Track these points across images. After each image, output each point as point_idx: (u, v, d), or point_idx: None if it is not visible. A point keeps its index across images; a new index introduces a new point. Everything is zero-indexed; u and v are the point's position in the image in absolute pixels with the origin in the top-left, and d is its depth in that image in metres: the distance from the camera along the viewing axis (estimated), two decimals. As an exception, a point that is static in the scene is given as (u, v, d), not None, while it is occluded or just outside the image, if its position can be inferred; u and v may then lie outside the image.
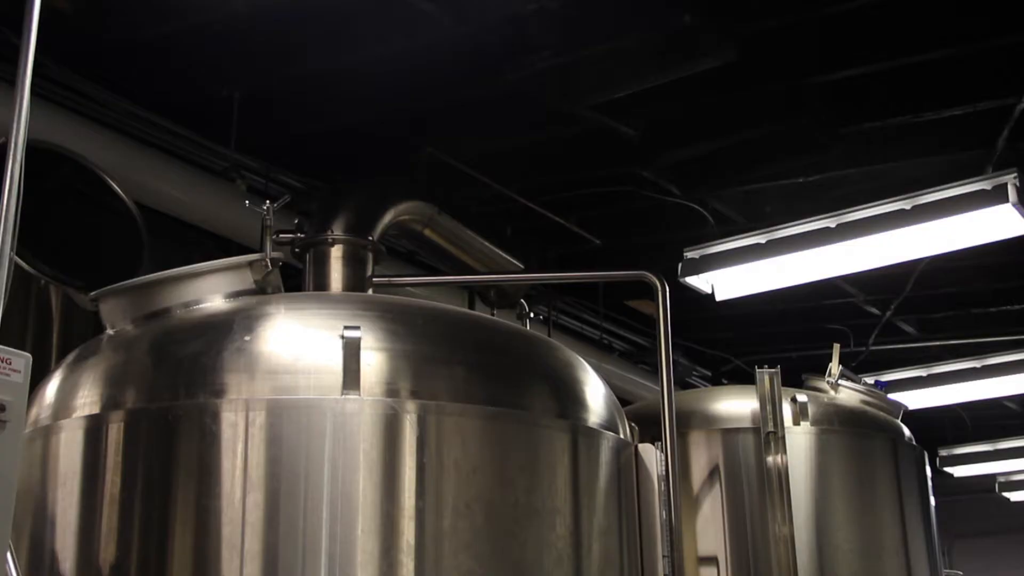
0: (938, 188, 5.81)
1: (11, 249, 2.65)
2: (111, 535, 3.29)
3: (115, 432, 3.40)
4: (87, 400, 3.53)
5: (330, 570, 3.16)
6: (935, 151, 6.43)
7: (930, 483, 5.77)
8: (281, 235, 4.62)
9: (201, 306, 3.71)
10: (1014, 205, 5.59)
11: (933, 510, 5.71)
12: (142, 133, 5.76)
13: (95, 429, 3.44)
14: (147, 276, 3.86)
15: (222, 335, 3.50)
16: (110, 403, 3.49)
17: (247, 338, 3.48)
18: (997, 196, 5.62)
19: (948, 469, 11.93)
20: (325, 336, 3.48)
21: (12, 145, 2.78)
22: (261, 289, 3.78)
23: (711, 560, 5.17)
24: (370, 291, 4.71)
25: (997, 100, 5.98)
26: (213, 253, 5.19)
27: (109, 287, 3.83)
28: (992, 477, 12.73)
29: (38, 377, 3.68)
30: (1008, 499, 13.45)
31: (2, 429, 2.38)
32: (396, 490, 3.28)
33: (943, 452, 11.66)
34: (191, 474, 3.28)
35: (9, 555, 2.62)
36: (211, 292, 3.74)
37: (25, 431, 3.45)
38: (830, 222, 6.16)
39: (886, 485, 5.45)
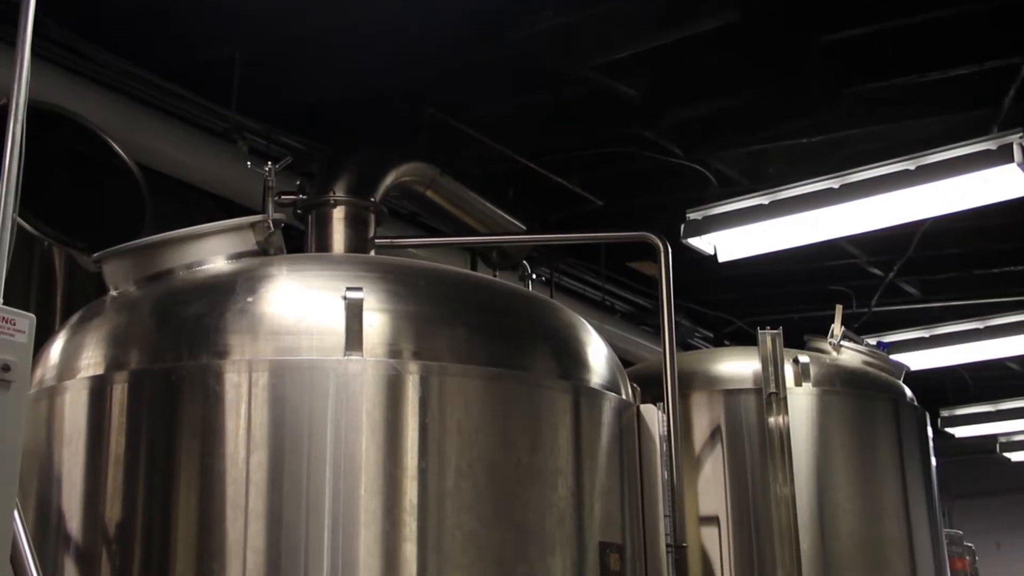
0: (943, 148, 5.78)
1: (13, 210, 2.65)
2: (116, 495, 3.31)
3: (119, 393, 3.41)
4: (91, 361, 3.54)
5: (333, 529, 3.18)
6: (940, 111, 6.39)
7: (931, 444, 5.79)
8: (283, 197, 4.62)
9: (204, 267, 3.71)
10: (1019, 165, 5.57)
11: (934, 470, 5.73)
12: (143, 94, 5.74)
13: (99, 390, 3.45)
14: (150, 237, 3.87)
15: (225, 296, 3.51)
16: (114, 364, 3.50)
17: (250, 299, 3.49)
18: (1002, 156, 5.60)
19: (949, 430, 11.97)
20: (327, 297, 3.48)
21: (13, 106, 2.77)
22: (263, 250, 3.79)
23: (712, 519, 5.20)
24: (372, 252, 4.71)
25: (1003, 59, 5.93)
26: (215, 215, 5.19)
27: (112, 248, 3.83)
28: (993, 438, 12.78)
29: (42, 338, 3.70)
30: (1009, 459, 13.50)
31: (7, 389, 2.39)
32: (399, 450, 3.29)
33: (944, 413, 11.70)
34: (195, 434, 3.30)
35: (16, 513, 2.64)
36: (213, 253, 3.74)
37: (30, 392, 3.47)
38: (833, 183, 6.14)
39: (887, 446, 5.47)
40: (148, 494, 3.30)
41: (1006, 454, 13.26)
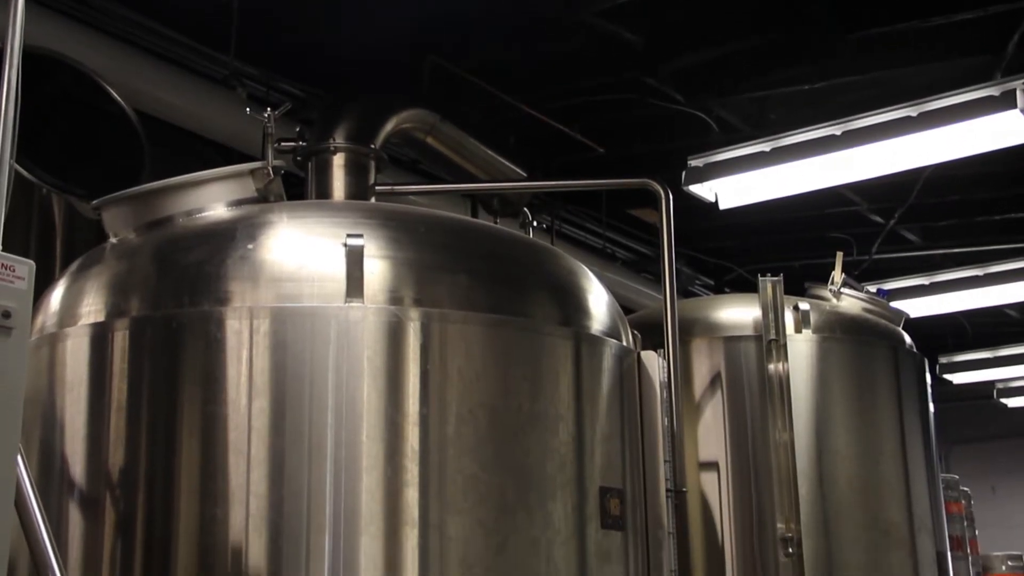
0: (945, 94, 5.75)
1: (11, 156, 2.64)
2: (119, 441, 3.33)
3: (120, 340, 3.42)
4: (92, 308, 3.54)
5: (335, 475, 3.20)
6: (943, 56, 6.34)
7: (929, 390, 5.82)
8: (283, 143, 4.60)
9: (203, 214, 3.70)
10: (1022, 111, 5.54)
11: (932, 416, 5.76)
12: (140, 40, 5.69)
13: (100, 337, 3.46)
14: (149, 184, 3.85)
15: (225, 243, 3.51)
16: (115, 311, 3.50)
17: (250, 246, 3.49)
18: (1005, 102, 5.56)
19: (947, 376, 12.02)
20: (328, 244, 3.48)
21: (9, 51, 2.75)
22: (263, 197, 3.77)
23: (712, 465, 5.24)
24: (373, 199, 4.70)
25: (1008, 4, 5.88)
26: (215, 162, 5.16)
27: (111, 195, 3.82)
28: (991, 384, 12.84)
29: (42, 286, 3.70)
30: (1006, 405, 13.58)
31: (7, 336, 2.39)
32: (400, 397, 3.31)
33: (943, 359, 11.74)
34: (196, 381, 3.31)
35: (19, 459, 2.65)
36: (213, 200, 3.73)
37: (31, 339, 3.48)
38: (835, 129, 6.11)
39: (886, 392, 5.50)
40: (151, 440, 3.32)
41: (1003, 400, 13.33)
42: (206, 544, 3.18)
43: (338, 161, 4.63)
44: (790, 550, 5.03)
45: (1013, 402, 13.59)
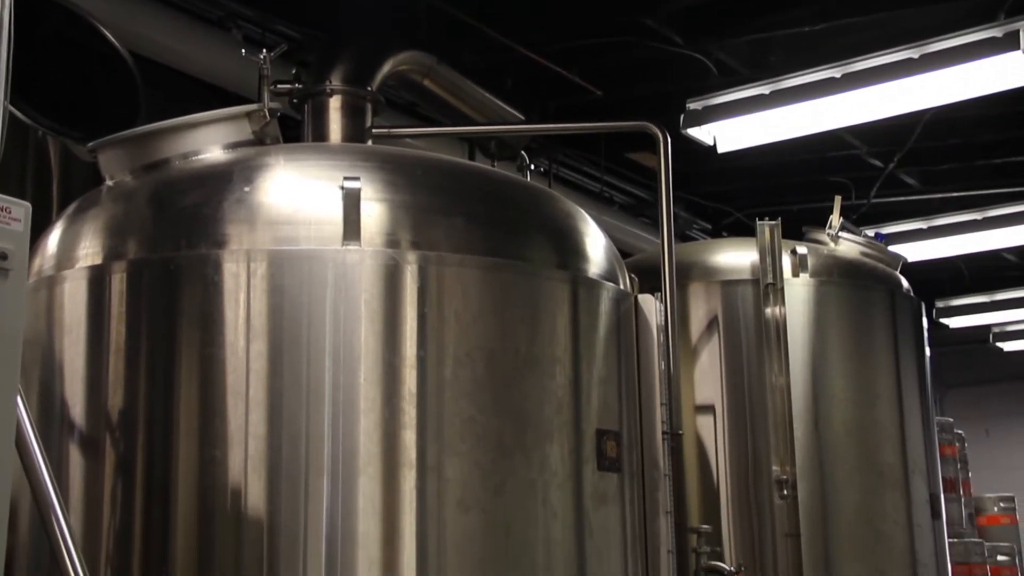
0: (947, 36, 5.70)
1: (5, 98, 2.62)
2: (118, 383, 3.35)
3: (118, 282, 3.43)
4: (89, 251, 3.54)
5: (334, 417, 3.22)
6: (945, -3, 6.28)
7: (926, 334, 5.84)
8: (279, 86, 4.56)
9: (200, 157, 3.69)
10: (1024, 52, 5.50)
11: (927, 360, 5.79)
12: (134, -20, 5.62)
13: (98, 279, 3.46)
14: (145, 127, 3.83)
15: (222, 186, 3.50)
16: (112, 254, 3.50)
17: (247, 189, 3.48)
18: (1008, 43, 5.51)
19: (944, 320, 12.06)
20: (325, 187, 3.47)
21: (1, -9, 2.72)
22: (259, 140, 3.76)
23: (708, 408, 5.28)
24: (369, 142, 4.67)
25: (1011, -57, 5.81)
26: (211, 104, 5.12)
27: (107, 137, 3.80)
28: (987, 328, 12.87)
29: (39, 229, 3.70)
30: (1001, 349, 13.64)
31: (4, 278, 2.39)
32: (397, 339, 3.32)
33: (940, 303, 11.77)
34: (194, 324, 3.32)
35: (19, 400, 2.66)
36: (209, 143, 3.71)
37: (29, 281, 3.48)
38: (835, 72, 6.07)
39: (882, 336, 5.52)
40: (149, 383, 3.33)
41: (999, 344, 13.38)
42: (205, 485, 3.21)
43: (335, 104, 4.60)
44: (785, 492, 5.08)
45: (1009, 346, 13.64)
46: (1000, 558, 8.81)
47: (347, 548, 3.16)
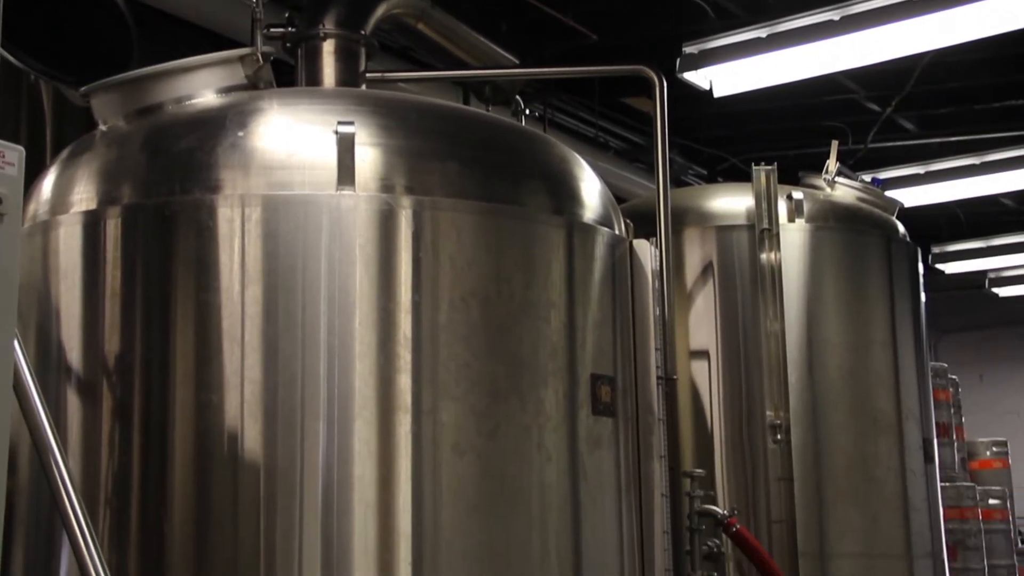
0: (947, -23, 5.66)
1: (-4, 42, 2.60)
2: (114, 328, 3.36)
3: (112, 227, 3.42)
4: (84, 196, 3.54)
5: (329, 362, 3.24)
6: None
7: (921, 280, 5.84)
8: (272, 29, 4.53)
9: (193, 101, 3.67)
10: (1024, -5, 5.46)
11: (923, 306, 5.80)
12: (125, -78, 5.56)
13: (93, 224, 3.46)
14: (138, 71, 3.81)
15: (215, 130, 3.48)
16: (106, 199, 3.50)
17: (240, 134, 3.47)
18: (1007, -14, 5.48)
19: (940, 266, 12.07)
20: (319, 131, 3.46)
21: (-10, -68, 2.69)
22: (253, 84, 3.74)
23: (702, 354, 5.29)
24: (363, 87, 4.64)
25: None
26: (203, 49, 5.09)
27: (100, 82, 3.78)
28: (983, 273, 12.90)
29: (33, 174, 3.69)
30: (997, 295, 13.68)
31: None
32: (392, 284, 3.33)
33: (936, 249, 11.78)
34: (190, 269, 3.32)
35: (16, 344, 2.67)
36: (202, 87, 3.69)
37: (23, 226, 3.48)
38: (833, 14, 6.03)
39: (878, 281, 5.52)
40: (145, 327, 3.35)
41: (995, 289, 13.42)
42: (202, 429, 3.24)
43: (328, 48, 4.56)
44: (778, 437, 5.11)
45: (1005, 291, 13.68)
46: (992, 502, 8.90)
47: (343, 491, 3.19)
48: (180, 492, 3.23)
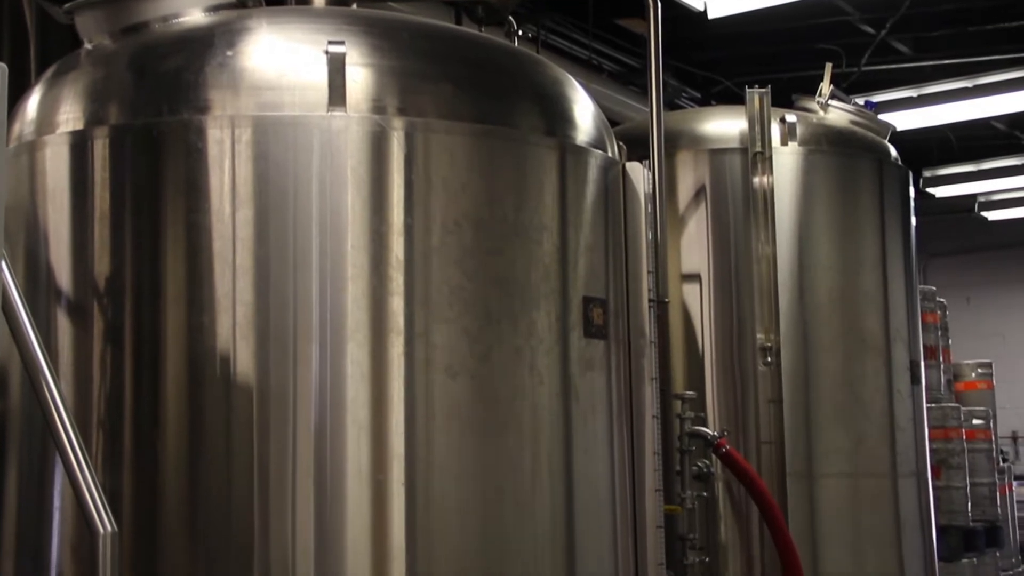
0: None
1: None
2: (104, 250, 3.33)
3: (100, 148, 3.38)
4: (70, 116, 3.48)
5: (321, 284, 3.23)
6: None
7: (912, 203, 5.84)
8: (260, -55, 4.44)
9: (180, 20, 3.60)
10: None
11: (913, 229, 5.81)
12: None
13: (80, 145, 3.42)
14: (123, -12, 3.73)
15: (203, 50, 3.43)
16: (93, 119, 3.45)
17: (229, 53, 3.41)
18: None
19: (930, 190, 12.08)
20: (309, 51, 3.40)
21: None
22: (241, 2, 3.67)
23: (694, 277, 5.30)
24: (354, 5, 4.57)
25: None
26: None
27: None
28: (973, 197, 12.93)
29: (17, 93, 3.63)
30: (986, 218, 13.72)
31: (-16, 142, 2.36)
32: (384, 207, 3.30)
33: (927, 173, 11.77)
34: (179, 191, 3.29)
35: (4, 265, 2.66)
36: (189, 5, 3.62)
37: (8, 146, 3.44)
38: (829, -66, 5.93)
39: (869, 205, 5.52)
40: (135, 249, 3.32)
41: (984, 213, 13.46)
42: (194, 351, 3.23)
43: (318, -35, 4.48)
44: (768, 359, 5.15)
45: (993, 215, 13.72)
46: (975, 422, 9.01)
47: (336, 413, 3.20)
48: (173, 414, 3.24)
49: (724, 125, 5.45)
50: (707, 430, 4.97)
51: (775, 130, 5.31)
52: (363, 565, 3.20)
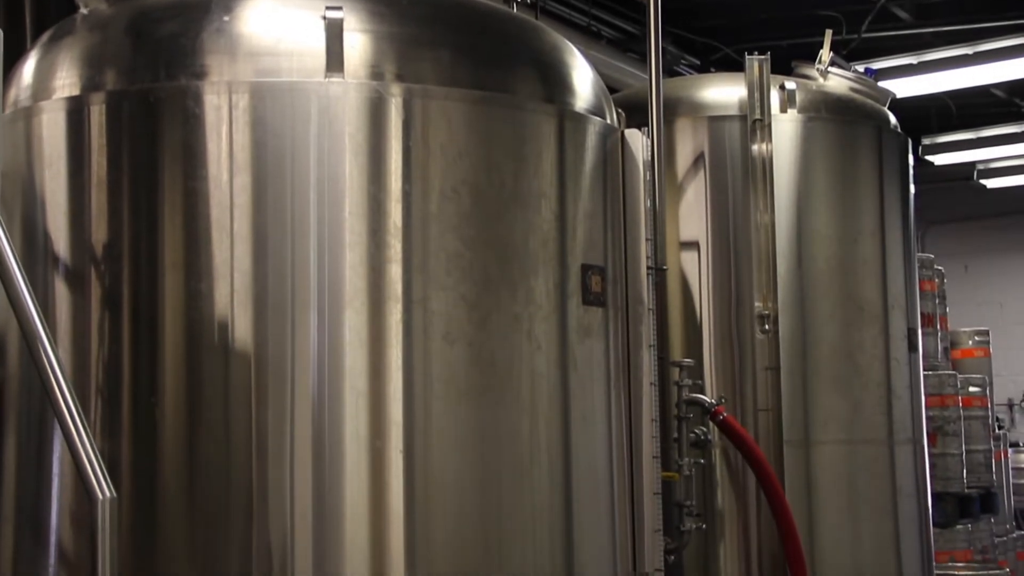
0: None
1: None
2: (101, 216, 3.32)
3: (97, 114, 3.36)
4: (66, 81, 3.46)
5: (319, 251, 3.22)
6: None
7: (911, 171, 5.83)
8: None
9: (176, -16, 3.57)
10: None
11: (912, 197, 5.80)
12: None
13: (76, 111, 3.40)
14: (118, -48, 3.70)
15: (200, 15, 3.40)
16: (90, 84, 3.43)
17: (226, 18, 3.39)
18: None
19: (929, 157, 12.06)
20: (307, 17, 3.38)
21: None
22: (238, -33, 3.63)
23: (692, 244, 5.30)
24: (351, -30, 4.54)
25: None
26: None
27: (79, -37, 3.67)
28: (972, 165, 12.91)
29: (13, 57, 3.61)
30: (985, 186, 13.70)
31: (-20, 107, 2.34)
32: (382, 173, 3.29)
33: (926, 140, 11.75)
34: (176, 157, 3.28)
35: (1, 231, 2.65)
36: (186, -31, 3.59)
37: (5, 112, 3.42)
38: (831, -101, 5.89)
39: (868, 172, 5.51)
40: (133, 216, 3.31)
41: (983, 181, 13.44)
42: (192, 318, 3.23)
43: (315, -71, 4.45)
44: (766, 327, 5.16)
45: (992, 183, 13.71)
46: (972, 389, 9.03)
47: (334, 380, 3.21)
48: (171, 381, 3.24)
49: (723, 92, 5.43)
50: (704, 397, 4.99)
51: (774, 97, 5.29)
52: (361, 531, 3.21)
